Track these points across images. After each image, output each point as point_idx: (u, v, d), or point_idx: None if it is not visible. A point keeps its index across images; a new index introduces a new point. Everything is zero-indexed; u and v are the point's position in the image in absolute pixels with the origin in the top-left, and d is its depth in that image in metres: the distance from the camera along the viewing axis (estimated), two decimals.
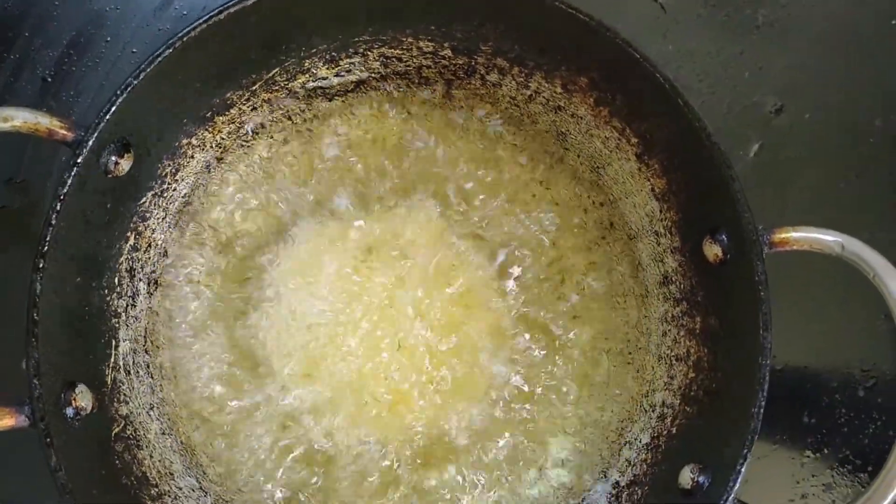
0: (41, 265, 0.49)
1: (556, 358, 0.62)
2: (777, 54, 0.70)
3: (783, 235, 0.51)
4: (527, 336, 0.62)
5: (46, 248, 0.49)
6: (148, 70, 0.51)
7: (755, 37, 0.70)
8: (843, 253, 0.50)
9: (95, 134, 0.50)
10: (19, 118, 0.49)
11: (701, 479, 0.52)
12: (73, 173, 0.50)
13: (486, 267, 0.63)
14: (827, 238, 0.51)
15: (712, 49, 0.69)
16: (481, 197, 0.64)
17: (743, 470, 0.49)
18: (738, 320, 0.53)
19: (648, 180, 0.58)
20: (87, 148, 0.50)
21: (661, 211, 0.59)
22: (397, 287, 0.62)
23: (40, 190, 0.66)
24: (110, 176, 0.53)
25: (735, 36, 0.70)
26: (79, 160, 0.50)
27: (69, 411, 0.51)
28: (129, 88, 0.51)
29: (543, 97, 0.61)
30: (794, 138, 0.69)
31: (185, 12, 0.68)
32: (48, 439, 0.48)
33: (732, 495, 0.49)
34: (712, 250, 0.54)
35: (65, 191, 0.50)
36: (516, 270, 0.63)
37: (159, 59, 0.51)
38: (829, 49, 0.70)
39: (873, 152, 0.69)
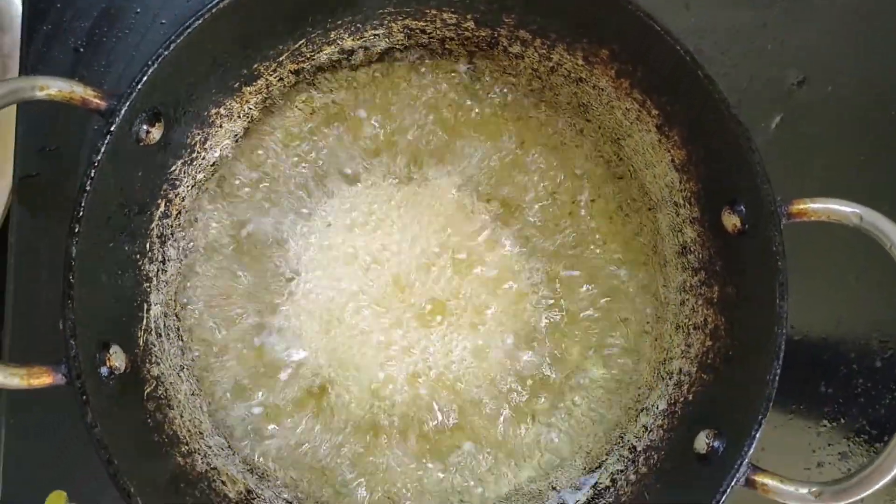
0: (76, 230, 0.50)
1: (574, 328, 0.64)
2: (799, 27, 0.69)
3: (801, 206, 0.51)
4: (547, 302, 0.64)
5: (81, 213, 0.50)
6: (178, 41, 0.52)
7: (778, 9, 0.70)
8: (861, 224, 0.51)
9: (128, 103, 0.51)
10: (55, 87, 0.50)
11: (716, 444, 0.53)
12: (106, 141, 0.51)
13: (505, 237, 0.64)
14: (845, 209, 0.51)
15: (735, 22, 0.69)
16: (502, 167, 0.65)
17: (758, 435, 0.50)
18: (755, 289, 0.54)
19: (668, 151, 0.59)
20: (120, 116, 0.51)
21: (680, 182, 0.59)
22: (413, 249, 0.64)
23: (72, 158, 0.67)
24: (142, 144, 0.54)
25: (758, 8, 0.70)
26: (112, 128, 0.51)
27: (104, 371, 0.52)
28: (159, 59, 0.52)
29: (565, 69, 0.61)
30: (815, 111, 0.69)
31: None
32: (84, 397, 0.49)
33: (747, 460, 0.50)
34: (731, 220, 0.55)
35: (98, 158, 0.51)
36: (534, 239, 0.64)
37: (189, 29, 0.52)
38: (851, 21, 0.70)
39: (894, 125, 0.69)
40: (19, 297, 0.65)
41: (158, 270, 0.60)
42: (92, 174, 0.51)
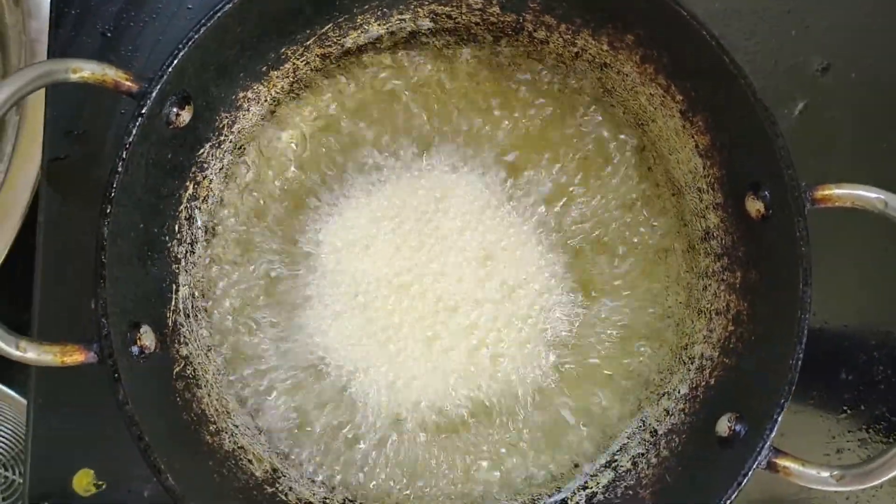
0: (108, 210, 0.51)
1: (600, 310, 0.64)
2: (824, 12, 0.69)
3: (825, 192, 0.52)
4: (570, 289, 0.64)
5: (113, 194, 0.51)
6: (209, 24, 0.52)
7: None
8: (886, 210, 0.51)
9: (159, 86, 0.52)
10: (87, 69, 0.51)
11: (738, 427, 0.54)
12: (137, 123, 0.51)
13: (529, 222, 0.64)
14: (870, 195, 0.51)
15: (759, 7, 0.69)
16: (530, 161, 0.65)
17: (779, 419, 0.51)
18: (778, 275, 0.54)
19: (692, 137, 0.59)
20: (151, 99, 0.51)
21: (704, 167, 0.59)
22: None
23: (100, 141, 0.67)
24: (171, 127, 0.55)
25: None
26: (143, 111, 0.51)
27: (134, 350, 0.53)
28: (189, 42, 0.52)
29: (590, 54, 0.61)
30: (839, 97, 0.69)
31: None
32: (116, 374, 0.50)
33: (769, 443, 0.51)
34: (755, 206, 0.55)
35: (130, 139, 0.51)
36: (563, 224, 0.64)
37: (219, 13, 0.52)
38: (875, 7, 0.70)
39: None
40: (48, 278, 0.66)
41: (187, 252, 0.61)
42: (124, 156, 0.51)
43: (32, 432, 0.65)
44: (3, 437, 0.91)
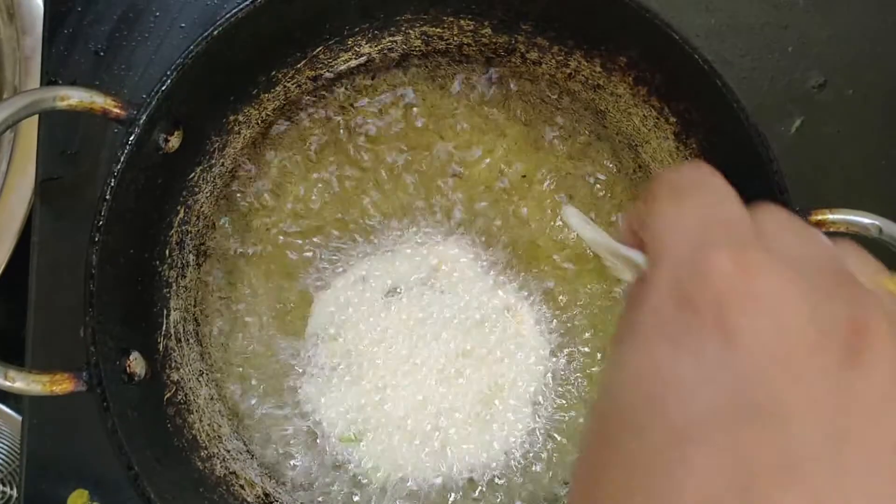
0: (97, 238, 0.51)
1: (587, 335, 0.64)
2: (821, 28, 0.69)
3: (820, 217, 0.51)
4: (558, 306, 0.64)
5: (102, 221, 0.51)
6: (197, 50, 0.52)
7: (799, 11, 0.69)
8: (881, 236, 0.50)
9: (147, 112, 0.51)
10: (75, 97, 0.51)
11: None
12: (126, 151, 0.51)
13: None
14: (864, 221, 0.51)
15: (755, 22, 0.69)
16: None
17: None
18: None
19: (687, 159, 0.59)
20: (140, 126, 0.51)
21: None
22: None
23: (93, 161, 0.67)
24: (161, 152, 0.55)
25: (779, 10, 0.69)
26: (131, 138, 0.51)
27: (124, 377, 0.53)
28: (178, 68, 0.52)
29: (583, 76, 0.61)
30: (836, 114, 0.68)
31: None
32: (105, 403, 0.50)
33: None
34: None
35: (119, 167, 0.51)
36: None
37: (208, 39, 0.52)
38: (873, 23, 0.69)
39: None
40: (41, 299, 0.66)
41: (178, 276, 0.60)
42: (112, 183, 0.51)
43: (27, 452, 0.65)
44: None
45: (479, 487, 0.62)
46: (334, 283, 0.63)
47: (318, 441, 0.62)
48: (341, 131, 0.64)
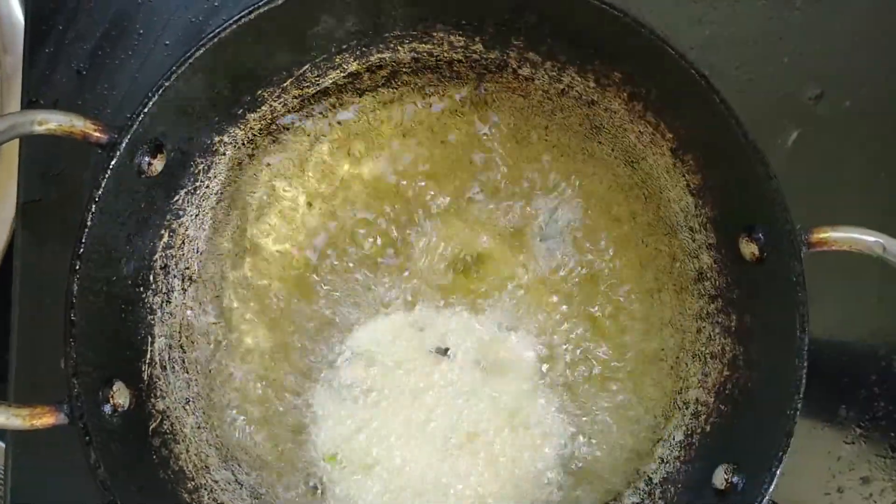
0: (77, 266, 0.50)
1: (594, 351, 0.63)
2: (817, 40, 0.68)
3: (822, 235, 0.50)
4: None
5: (82, 249, 0.50)
6: (179, 71, 0.51)
7: (794, 22, 0.68)
8: (885, 255, 0.49)
9: (129, 136, 0.50)
10: (54, 121, 0.50)
11: (735, 479, 0.52)
12: (106, 176, 0.50)
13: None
14: (867, 238, 0.50)
15: (750, 35, 0.68)
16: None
17: (778, 472, 0.49)
18: (774, 320, 0.52)
19: (683, 176, 0.58)
20: (121, 150, 0.50)
21: (696, 207, 0.58)
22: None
23: (76, 182, 0.66)
24: (143, 176, 0.54)
25: (773, 21, 0.68)
26: (112, 163, 0.50)
27: (107, 409, 0.52)
28: (160, 90, 0.51)
29: (576, 91, 0.60)
30: (833, 126, 0.67)
31: (216, 3, 0.68)
32: (87, 437, 0.49)
33: (767, 497, 0.49)
34: (749, 248, 0.54)
35: (99, 192, 0.50)
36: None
37: (190, 59, 0.51)
38: (869, 34, 0.68)
39: None
40: (24, 322, 0.65)
41: (162, 302, 0.59)
42: (92, 209, 0.50)
43: (11, 480, 0.64)
44: None
45: None
46: (392, 314, 0.62)
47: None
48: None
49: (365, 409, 0.61)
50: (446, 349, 0.61)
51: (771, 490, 0.49)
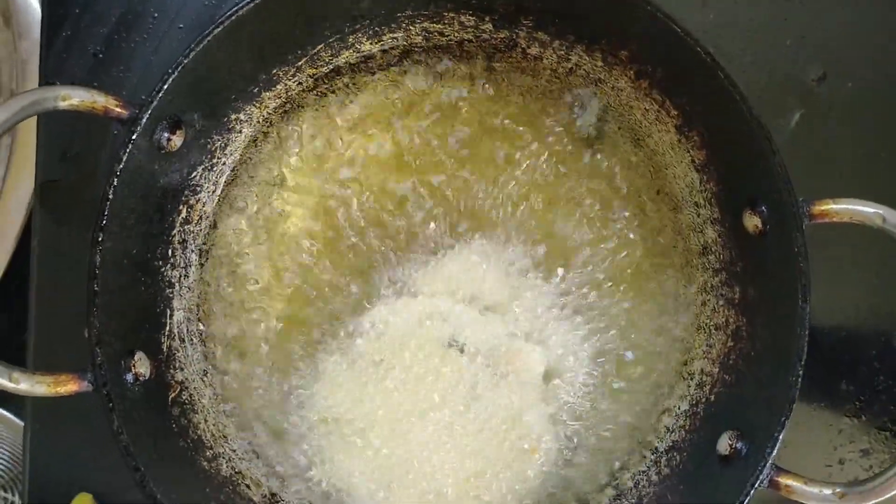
0: (99, 238, 0.51)
1: (598, 329, 0.64)
2: (820, 22, 0.69)
3: (823, 207, 0.51)
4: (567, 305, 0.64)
5: (104, 222, 0.51)
6: (197, 49, 0.52)
7: (798, 4, 0.69)
8: (885, 225, 0.50)
9: (149, 111, 0.51)
10: (76, 97, 0.51)
11: (739, 445, 0.53)
12: (128, 150, 0.51)
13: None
14: (867, 210, 0.51)
15: (754, 17, 0.68)
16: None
17: (781, 437, 0.50)
18: (777, 291, 0.54)
19: (688, 152, 0.59)
20: (141, 125, 0.51)
21: (700, 182, 0.59)
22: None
23: (93, 162, 0.67)
24: (163, 151, 0.55)
25: (777, 3, 0.69)
26: (133, 137, 0.51)
27: (129, 377, 0.53)
28: (179, 67, 0.52)
29: (584, 70, 0.61)
30: (836, 107, 0.68)
31: None
32: (110, 404, 0.50)
33: (770, 461, 0.50)
34: (752, 222, 0.55)
35: (120, 167, 0.51)
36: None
37: (208, 37, 0.52)
38: (872, 15, 0.69)
39: None
40: (43, 302, 0.65)
41: (181, 276, 0.60)
42: (114, 183, 0.51)
43: (30, 457, 0.65)
44: (2, 459, 0.90)
45: None
46: (420, 295, 0.63)
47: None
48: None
49: (373, 383, 0.62)
50: (462, 344, 0.62)
51: (774, 454, 0.50)
